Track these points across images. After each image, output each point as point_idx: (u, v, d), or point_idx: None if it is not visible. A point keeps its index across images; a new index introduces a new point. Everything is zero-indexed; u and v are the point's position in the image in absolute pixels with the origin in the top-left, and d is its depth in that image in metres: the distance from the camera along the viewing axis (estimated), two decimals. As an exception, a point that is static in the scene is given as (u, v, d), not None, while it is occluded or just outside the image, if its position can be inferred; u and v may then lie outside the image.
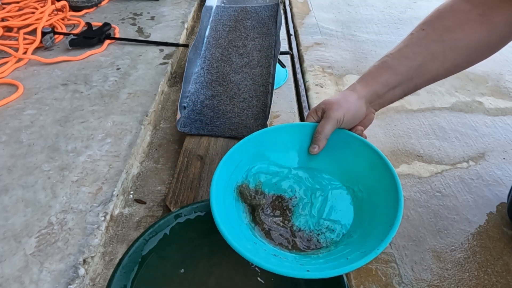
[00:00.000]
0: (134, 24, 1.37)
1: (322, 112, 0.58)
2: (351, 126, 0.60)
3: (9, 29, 1.24)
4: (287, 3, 1.75)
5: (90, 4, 1.47)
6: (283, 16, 1.58)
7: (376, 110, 0.62)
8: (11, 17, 1.27)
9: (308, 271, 0.45)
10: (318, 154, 0.59)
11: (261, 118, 0.87)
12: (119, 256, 0.61)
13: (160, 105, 1.00)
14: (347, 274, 0.60)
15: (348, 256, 0.48)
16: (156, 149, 0.87)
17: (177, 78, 1.15)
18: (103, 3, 1.54)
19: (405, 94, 0.61)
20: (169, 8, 1.51)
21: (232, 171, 0.58)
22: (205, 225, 0.57)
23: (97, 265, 0.61)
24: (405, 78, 0.57)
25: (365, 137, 0.61)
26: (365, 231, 0.52)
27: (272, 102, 0.89)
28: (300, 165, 0.62)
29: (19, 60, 1.09)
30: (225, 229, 0.48)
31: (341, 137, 0.60)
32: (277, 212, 0.56)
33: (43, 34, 1.16)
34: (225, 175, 0.56)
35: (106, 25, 1.25)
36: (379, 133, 0.92)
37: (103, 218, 0.65)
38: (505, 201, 0.74)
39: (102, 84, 1.01)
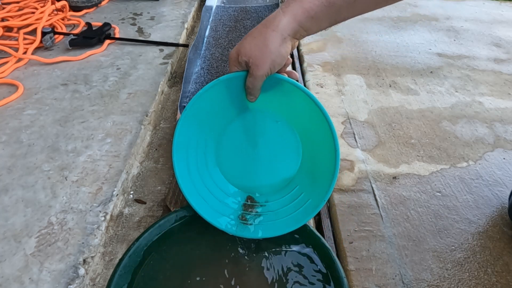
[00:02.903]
0: (134, 24, 1.37)
1: (246, 65, 0.53)
2: (278, 70, 0.55)
3: (9, 29, 1.24)
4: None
5: (90, 4, 1.47)
6: (283, 16, 1.58)
7: (299, 40, 0.56)
8: (11, 17, 1.27)
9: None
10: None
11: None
12: (119, 256, 0.61)
13: (160, 105, 1.00)
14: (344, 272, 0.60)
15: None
16: (156, 149, 0.87)
17: (177, 78, 1.15)
18: (103, 3, 1.54)
19: (331, 25, 0.55)
20: (169, 8, 1.51)
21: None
22: (205, 225, 0.57)
23: (97, 265, 0.61)
24: (334, 10, 0.51)
25: (292, 75, 0.58)
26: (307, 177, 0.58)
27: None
28: (242, 111, 0.60)
29: (19, 60, 1.09)
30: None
31: (272, 81, 0.56)
32: None
33: (43, 34, 1.16)
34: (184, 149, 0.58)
35: (106, 25, 1.25)
36: (379, 133, 0.92)
37: (103, 218, 0.65)
38: (505, 201, 0.74)
39: (102, 84, 1.01)
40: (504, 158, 0.85)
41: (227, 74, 0.53)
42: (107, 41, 1.20)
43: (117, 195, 0.70)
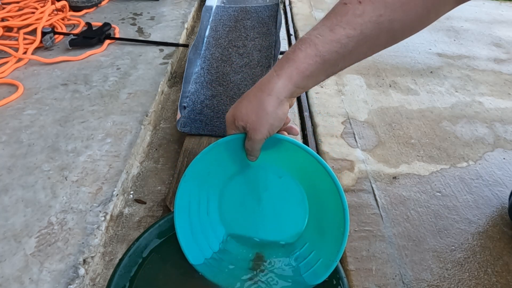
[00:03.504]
0: (134, 24, 1.37)
1: (243, 129, 0.52)
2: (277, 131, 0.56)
3: (9, 29, 1.24)
4: (287, 3, 1.75)
5: (90, 4, 1.47)
6: (283, 16, 1.58)
7: (295, 97, 0.55)
8: (11, 17, 1.27)
9: None
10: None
11: (261, 118, 0.87)
12: (119, 256, 0.61)
13: (160, 105, 1.00)
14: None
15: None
16: (156, 149, 0.87)
17: (177, 78, 1.15)
18: (103, 3, 1.54)
19: (328, 77, 0.54)
20: (169, 8, 1.51)
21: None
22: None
23: (97, 265, 0.61)
24: (331, 63, 0.50)
25: (292, 131, 0.58)
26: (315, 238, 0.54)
27: (272, 102, 0.89)
28: (243, 168, 0.58)
29: (19, 60, 1.09)
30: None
31: (272, 141, 0.55)
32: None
33: (43, 34, 1.16)
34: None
35: (106, 25, 1.25)
36: (379, 133, 0.92)
37: (103, 218, 0.65)
38: (505, 201, 0.74)
39: (102, 84, 1.01)
40: (504, 158, 0.85)
41: (225, 136, 0.53)
42: (107, 41, 1.20)
43: (117, 195, 0.70)
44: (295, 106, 1.01)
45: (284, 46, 1.34)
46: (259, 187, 0.57)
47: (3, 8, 1.31)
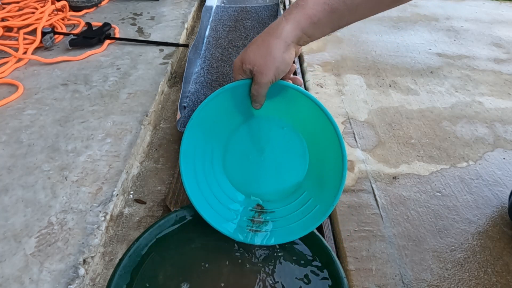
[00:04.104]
0: (134, 24, 1.37)
1: (250, 73, 0.53)
2: (282, 76, 0.55)
3: (9, 29, 1.24)
4: (287, 3, 1.75)
5: (90, 4, 1.47)
6: (283, 16, 1.58)
7: (302, 46, 0.56)
8: (11, 17, 1.27)
9: None
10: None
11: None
12: (119, 256, 0.61)
13: (160, 105, 1.00)
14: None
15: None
16: (156, 149, 0.87)
17: (177, 78, 1.15)
18: (103, 3, 1.54)
19: (334, 30, 0.54)
20: (169, 8, 1.51)
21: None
22: (204, 225, 0.57)
23: (97, 265, 0.61)
24: (338, 16, 0.51)
25: (296, 81, 0.58)
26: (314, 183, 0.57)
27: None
28: (247, 118, 0.60)
29: (19, 60, 1.09)
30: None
31: (277, 88, 0.56)
32: None
33: (43, 34, 1.16)
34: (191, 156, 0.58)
35: (106, 25, 1.25)
36: (379, 133, 0.92)
37: (103, 218, 0.65)
38: (505, 201, 0.74)
39: (102, 84, 1.01)
40: (504, 158, 0.85)
41: (231, 82, 0.53)
42: (107, 41, 1.20)
43: (117, 195, 0.70)
44: (295, 106, 1.01)
45: (284, 46, 1.34)
46: (262, 138, 0.59)
47: (3, 8, 1.31)
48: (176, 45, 1.22)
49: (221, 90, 0.55)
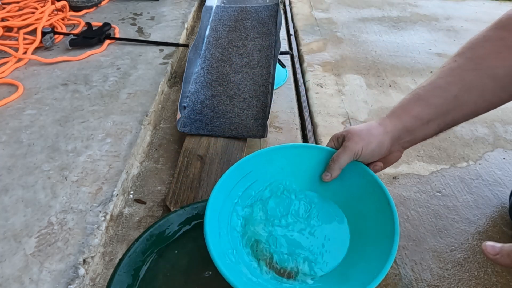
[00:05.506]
0: (134, 24, 1.37)
1: (342, 139, 0.55)
2: (370, 160, 0.56)
3: (9, 29, 1.24)
4: (287, 3, 1.75)
5: (90, 4, 1.47)
6: (283, 16, 1.58)
7: (405, 148, 0.58)
8: (11, 17, 1.27)
9: None
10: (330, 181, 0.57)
11: (261, 118, 0.87)
12: (119, 256, 0.61)
13: (160, 105, 1.00)
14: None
15: None
16: (156, 149, 0.87)
17: (177, 78, 1.15)
18: (103, 3, 1.53)
19: (441, 130, 0.55)
20: (169, 8, 1.51)
21: (238, 183, 0.57)
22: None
23: (97, 265, 0.61)
24: (440, 111, 0.52)
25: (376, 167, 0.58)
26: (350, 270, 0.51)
27: (272, 102, 0.89)
28: (308, 188, 0.60)
29: (19, 60, 1.09)
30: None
31: (356, 170, 0.56)
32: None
33: (43, 34, 1.16)
34: (228, 186, 0.56)
35: (106, 25, 1.25)
36: (379, 133, 0.92)
37: (103, 218, 0.65)
38: (505, 201, 0.74)
39: (102, 84, 1.01)
40: (504, 158, 0.85)
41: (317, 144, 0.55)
42: (107, 41, 1.20)
43: (117, 195, 0.70)
44: (295, 106, 1.01)
45: (284, 46, 1.34)
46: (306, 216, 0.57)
47: (3, 8, 1.31)
48: (176, 45, 1.22)
49: (303, 144, 0.59)
